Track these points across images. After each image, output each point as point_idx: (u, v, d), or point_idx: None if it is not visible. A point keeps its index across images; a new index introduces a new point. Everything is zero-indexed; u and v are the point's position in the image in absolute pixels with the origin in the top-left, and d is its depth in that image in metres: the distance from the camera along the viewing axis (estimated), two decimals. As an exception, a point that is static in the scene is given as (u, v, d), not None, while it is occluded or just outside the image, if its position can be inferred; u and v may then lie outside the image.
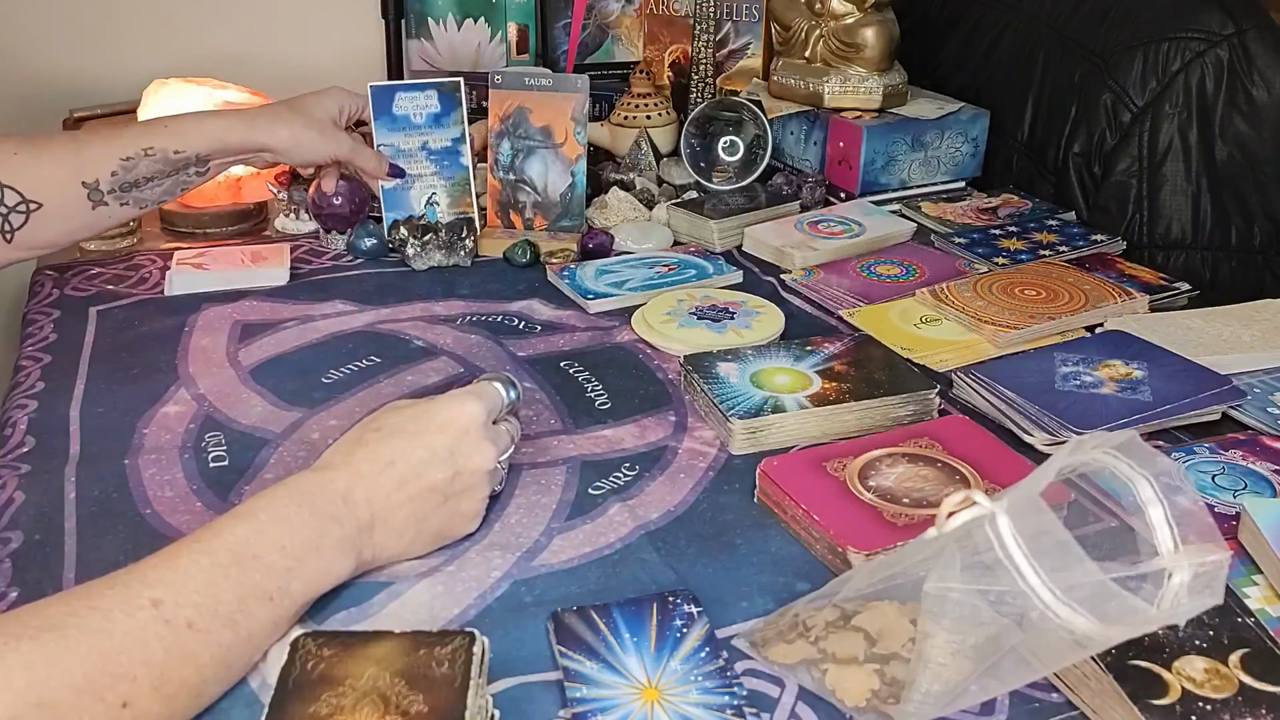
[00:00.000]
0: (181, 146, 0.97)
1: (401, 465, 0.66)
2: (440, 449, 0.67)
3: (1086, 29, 1.30)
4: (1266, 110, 1.19)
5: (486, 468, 0.69)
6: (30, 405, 0.86)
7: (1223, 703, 0.55)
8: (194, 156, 0.98)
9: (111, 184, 0.93)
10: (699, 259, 1.13)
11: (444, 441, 0.67)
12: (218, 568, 0.57)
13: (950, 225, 1.23)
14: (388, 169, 1.12)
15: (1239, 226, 1.21)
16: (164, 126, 0.98)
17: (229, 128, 1.00)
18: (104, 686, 0.51)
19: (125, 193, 0.93)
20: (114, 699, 0.51)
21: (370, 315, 1.03)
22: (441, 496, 0.67)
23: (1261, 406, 0.85)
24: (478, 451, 0.69)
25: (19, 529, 0.71)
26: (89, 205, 0.93)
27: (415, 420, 0.68)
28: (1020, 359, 0.91)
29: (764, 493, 0.76)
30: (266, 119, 1.03)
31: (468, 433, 0.68)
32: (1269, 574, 0.66)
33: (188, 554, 0.57)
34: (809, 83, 1.33)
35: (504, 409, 0.73)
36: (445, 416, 0.68)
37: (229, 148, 1.00)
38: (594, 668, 0.59)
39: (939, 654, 0.54)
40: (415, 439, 0.67)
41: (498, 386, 0.73)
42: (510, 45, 1.60)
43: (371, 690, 0.51)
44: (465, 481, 0.68)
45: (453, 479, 0.67)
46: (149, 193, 0.96)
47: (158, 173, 0.96)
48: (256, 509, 0.61)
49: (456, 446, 0.68)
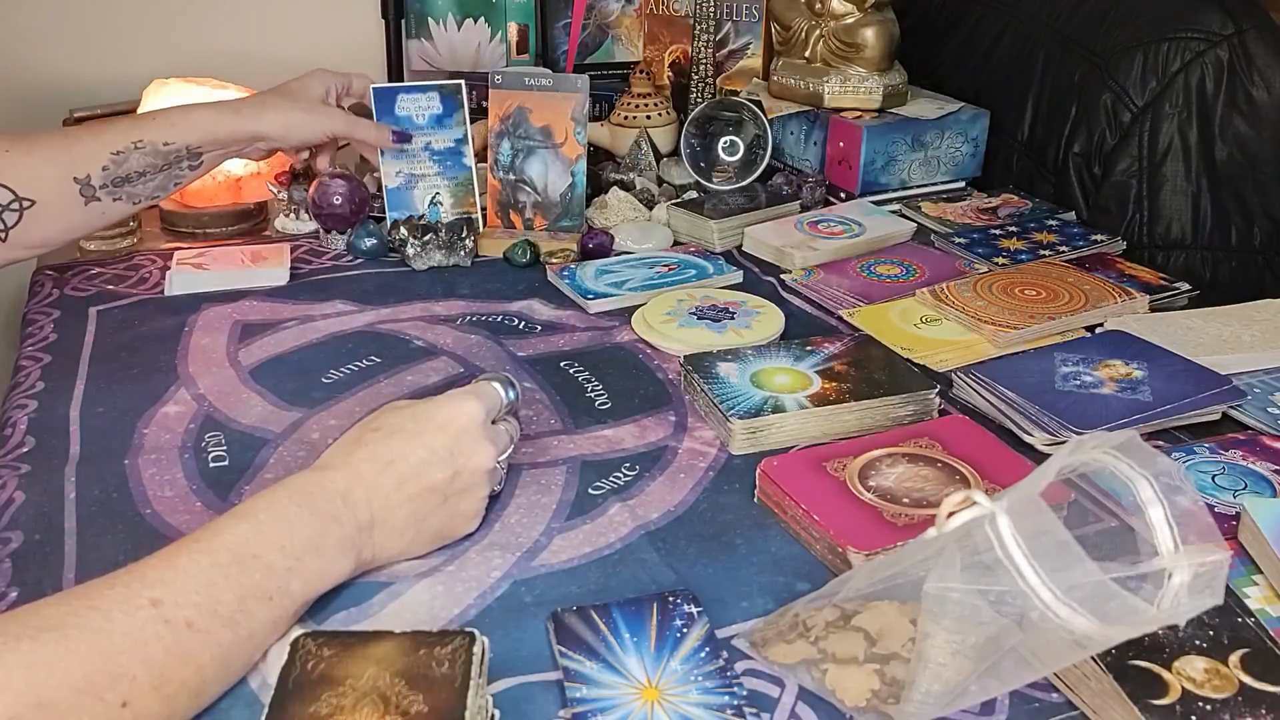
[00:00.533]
0: (171, 138, 0.97)
1: (401, 465, 0.66)
2: (440, 448, 0.67)
3: (1086, 29, 1.30)
4: (1266, 110, 1.19)
5: (486, 467, 0.69)
6: (30, 405, 0.86)
7: (1223, 703, 0.55)
8: (184, 148, 0.97)
9: (104, 179, 0.93)
10: (699, 259, 1.13)
11: (443, 441, 0.67)
12: (217, 567, 0.57)
13: (950, 225, 1.23)
14: (391, 136, 1.12)
15: (1239, 226, 1.21)
16: (153, 119, 0.98)
17: (217, 117, 1.00)
18: (103, 686, 0.51)
19: (118, 188, 0.93)
20: (114, 699, 0.51)
21: (370, 315, 1.03)
22: (441, 496, 0.67)
23: (1261, 406, 0.85)
24: (477, 451, 0.69)
25: (19, 529, 0.71)
26: (82, 201, 0.93)
27: (415, 420, 0.68)
28: (1020, 359, 0.91)
29: (764, 493, 0.76)
30: (253, 106, 1.03)
31: (467, 432, 0.68)
32: (1269, 574, 0.66)
33: (187, 554, 0.57)
34: (809, 83, 1.33)
35: (503, 409, 0.73)
36: (445, 416, 0.68)
37: (219, 138, 1.00)
38: (594, 668, 0.59)
39: (939, 654, 0.54)
40: (415, 439, 0.67)
41: (496, 386, 0.73)
42: (510, 45, 1.60)
43: (371, 690, 0.51)
44: (465, 481, 0.68)
45: (452, 478, 0.67)
46: (142, 187, 0.96)
47: (149, 166, 0.95)
48: (256, 509, 0.61)
49: (456, 446, 0.68)
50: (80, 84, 1.47)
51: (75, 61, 1.50)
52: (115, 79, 1.45)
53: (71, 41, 1.50)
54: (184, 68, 1.33)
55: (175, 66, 1.33)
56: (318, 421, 0.85)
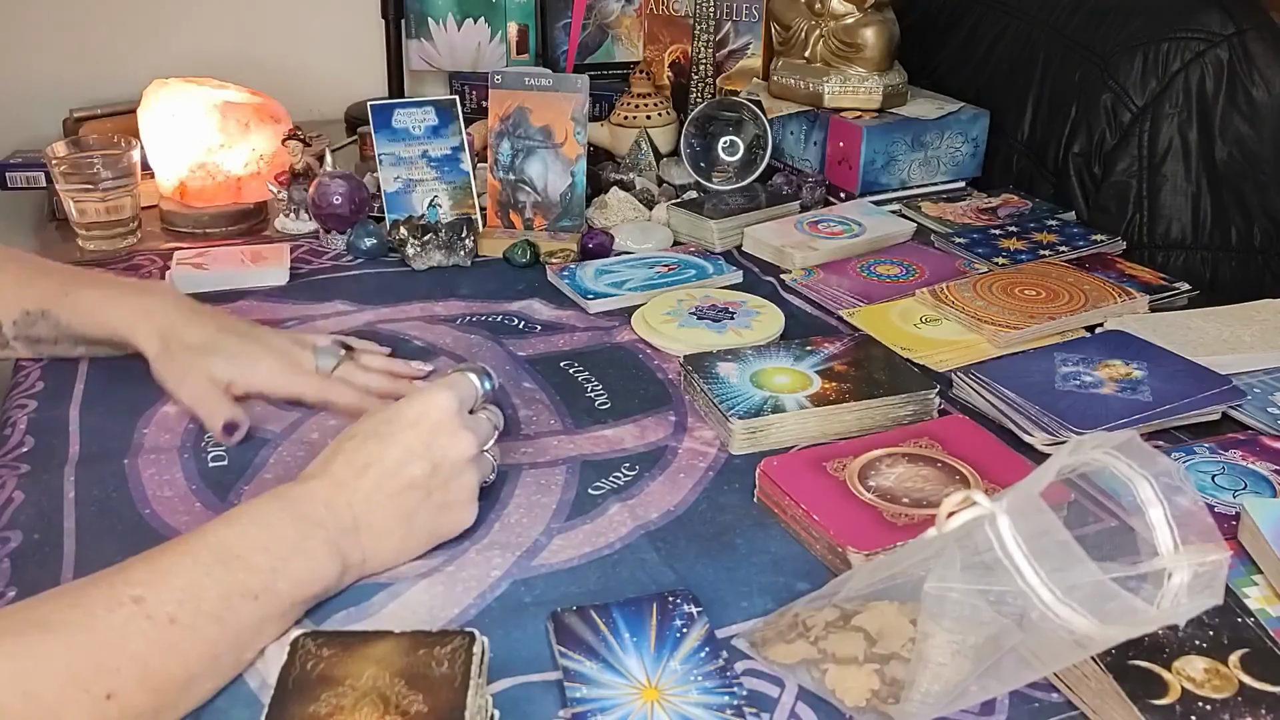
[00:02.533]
0: (72, 324, 0.87)
1: (378, 466, 0.66)
2: (415, 444, 0.67)
3: (1086, 29, 1.30)
4: (1266, 110, 1.19)
5: (466, 456, 0.69)
6: (30, 405, 0.86)
7: (1223, 703, 0.55)
8: (81, 336, 0.88)
9: (14, 330, 0.88)
10: (699, 259, 1.13)
11: (418, 436, 0.67)
12: (200, 566, 0.58)
13: (950, 225, 1.23)
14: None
15: (1239, 226, 1.21)
16: (65, 295, 0.87)
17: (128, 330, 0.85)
18: (88, 679, 0.52)
19: (28, 343, 0.88)
20: (99, 691, 0.52)
21: (370, 315, 1.03)
22: (424, 492, 0.67)
23: (1261, 406, 0.85)
24: (454, 442, 0.68)
25: (18, 529, 0.71)
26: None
27: (388, 422, 0.68)
28: (1020, 359, 0.91)
29: (764, 493, 0.76)
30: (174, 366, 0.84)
31: (442, 424, 0.68)
32: (1269, 574, 0.66)
33: (171, 555, 0.59)
34: (809, 83, 1.33)
35: (480, 399, 0.72)
36: (416, 412, 0.68)
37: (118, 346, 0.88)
38: (594, 668, 0.59)
39: (939, 654, 0.54)
40: (388, 439, 0.67)
41: (471, 377, 0.72)
42: (510, 45, 1.60)
43: (371, 690, 0.51)
44: (447, 473, 0.68)
45: (432, 472, 0.67)
46: (47, 348, 0.90)
47: (48, 336, 0.88)
48: (239, 514, 0.62)
49: (432, 440, 0.67)
50: (80, 84, 1.47)
51: (75, 61, 1.50)
52: (115, 79, 1.45)
53: (71, 41, 1.50)
54: (184, 68, 1.33)
55: (175, 67, 1.33)
56: (317, 422, 0.85)
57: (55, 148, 1.16)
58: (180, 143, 1.21)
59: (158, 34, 1.53)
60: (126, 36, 1.51)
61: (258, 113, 1.25)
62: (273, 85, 1.34)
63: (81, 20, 1.50)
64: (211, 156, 1.22)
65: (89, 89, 1.46)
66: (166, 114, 1.21)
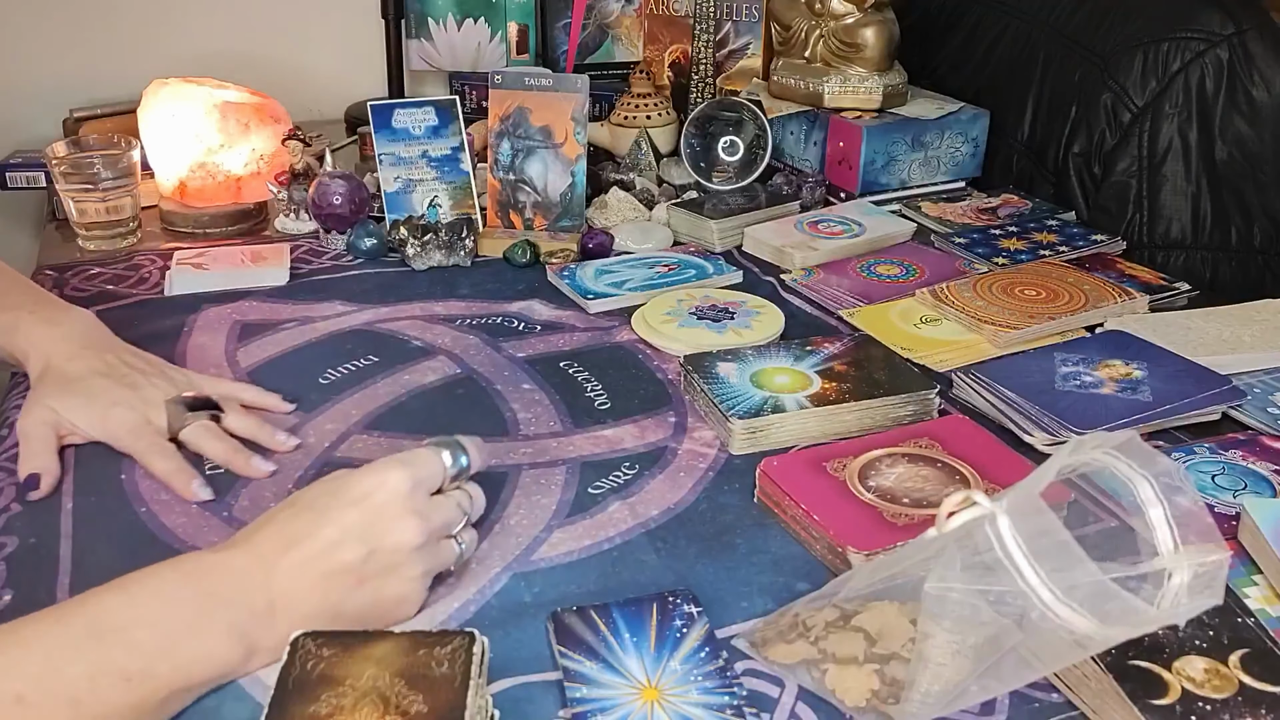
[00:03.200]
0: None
1: (307, 544, 0.59)
2: (352, 526, 0.60)
3: (1086, 29, 1.30)
4: (1266, 110, 1.19)
5: (410, 545, 0.61)
6: (30, 405, 0.86)
7: (1223, 703, 0.55)
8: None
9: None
10: (699, 259, 1.13)
11: (356, 517, 0.60)
12: (67, 637, 0.52)
13: (950, 225, 1.23)
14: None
15: (1239, 226, 1.21)
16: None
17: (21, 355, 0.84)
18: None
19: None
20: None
21: (370, 315, 1.03)
22: (356, 578, 0.60)
23: (1261, 406, 0.85)
24: (396, 528, 0.61)
25: (14, 533, 0.71)
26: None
27: (332, 494, 0.62)
28: (1020, 359, 0.91)
29: (764, 493, 0.75)
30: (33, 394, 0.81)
31: (387, 507, 0.61)
32: (1269, 574, 0.66)
33: (41, 621, 0.53)
34: (809, 83, 1.33)
35: (448, 478, 0.65)
36: (361, 490, 0.61)
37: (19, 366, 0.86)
38: (594, 668, 0.59)
39: (939, 654, 0.54)
40: (324, 514, 0.60)
41: (441, 453, 0.65)
42: (510, 45, 1.60)
43: (371, 690, 0.51)
44: (384, 561, 0.60)
45: (367, 558, 0.60)
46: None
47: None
48: (133, 581, 0.56)
49: (373, 522, 0.60)
50: (80, 84, 1.47)
51: (75, 61, 1.50)
52: (115, 79, 1.45)
53: (71, 41, 1.50)
54: (184, 68, 1.33)
55: (175, 66, 1.33)
56: (315, 425, 0.85)
57: (55, 148, 1.16)
58: (180, 143, 1.21)
59: (158, 34, 1.53)
60: (126, 36, 1.51)
61: (258, 113, 1.25)
62: (273, 85, 1.34)
63: (81, 20, 1.50)
64: (211, 156, 1.22)
65: (89, 89, 1.46)
66: (166, 114, 1.21)
